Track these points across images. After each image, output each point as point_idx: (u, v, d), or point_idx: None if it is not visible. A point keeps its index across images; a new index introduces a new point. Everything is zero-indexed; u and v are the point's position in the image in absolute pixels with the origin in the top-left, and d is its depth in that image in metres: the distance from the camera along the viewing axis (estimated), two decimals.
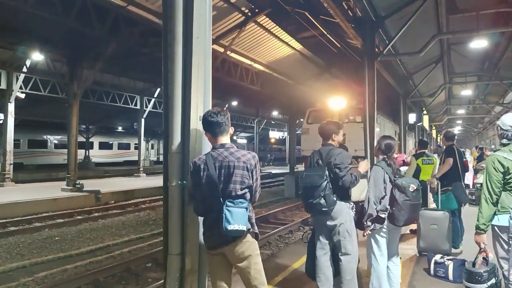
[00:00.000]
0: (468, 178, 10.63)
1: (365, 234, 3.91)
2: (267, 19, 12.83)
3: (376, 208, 3.81)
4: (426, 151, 7.91)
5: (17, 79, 16.43)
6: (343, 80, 18.23)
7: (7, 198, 12.68)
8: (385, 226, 3.92)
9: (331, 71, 17.87)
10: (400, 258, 4.35)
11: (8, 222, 10.97)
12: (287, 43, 14.91)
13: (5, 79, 16.28)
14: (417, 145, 8.50)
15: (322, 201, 3.69)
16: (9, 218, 11.32)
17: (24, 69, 16.26)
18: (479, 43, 11.96)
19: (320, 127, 4.16)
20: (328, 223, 3.89)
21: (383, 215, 3.80)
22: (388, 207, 3.81)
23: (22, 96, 16.92)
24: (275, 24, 13.21)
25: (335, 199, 3.79)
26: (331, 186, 3.76)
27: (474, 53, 14.43)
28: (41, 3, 10.49)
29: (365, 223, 3.83)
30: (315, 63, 17.31)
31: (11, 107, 16.51)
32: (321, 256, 4.01)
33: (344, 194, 3.90)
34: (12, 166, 16.97)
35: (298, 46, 15.23)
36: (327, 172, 3.75)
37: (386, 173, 3.89)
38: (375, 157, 4.31)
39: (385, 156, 4.07)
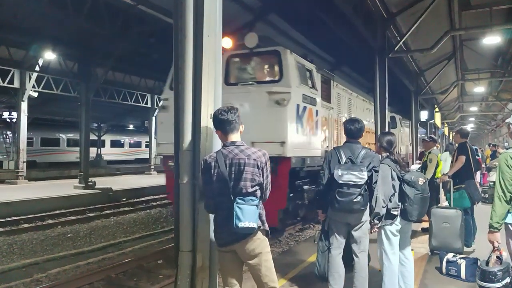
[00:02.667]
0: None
1: (372, 231, 3.90)
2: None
3: (387, 206, 3.80)
4: (434, 148, 7.84)
5: (30, 78, 16.66)
6: None
7: (20, 195, 12.85)
8: (398, 224, 3.91)
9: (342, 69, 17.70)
10: (412, 250, 4.34)
11: (21, 219, 11.12)
12: None
13: (18, 78, 16.53)
14: (427, 142, 8.26)
15: (361, 200, 3.66)
16: (22, 215, 11.46)
17: (37, 68, 16.48)
18: (492, 39, 11.80)
19: (350, 124, 4.08)
20: (355, 221, 3.88)
21: (395, 212, 3.82)
22: (399, 203, 3.83)
23: (35, 95, 17.16)
24: None
25: (368, 198, 3.81)
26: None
27: (487, 50, 14.26)
28: (53, 3, 10.60)
29: (372, 221, 3.82)
30: None
31: (24, 105, 16.76)
32: (336, 255, 3.98)
33: (369, 193, 3.91)
34: (25, 164, 17.22)
35: None
36: (365, 172, 3.70)
37: (393, 170, 3.90)
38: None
39: (388, 153, 4.06)
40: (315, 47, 15.51)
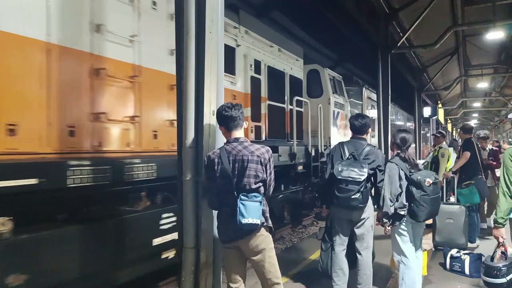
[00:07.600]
0: None
1: (385, 232, 3.84)
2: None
3: (394, 206, 3.70)
4: (443, 143, 7.75)
5: None
6: None
7: None
8: (404, 223, 3.81)
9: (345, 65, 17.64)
10: (425, 250, 4.28)
11: None
12: None
13: None
14: (437, 138, 8.12)
15: (360, 197, 3.63)
16: None
17: None
18: (495, 35, 11.77)
19: (356, 121, 4.05)
20: (356, 217, 3.85)
21: (402, 212, 3.69)
22: (406, 203, 3.69)
23: None
24: None
25: (368, 196, 3.78)
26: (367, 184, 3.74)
27: (490, 45, 14.21)
28: None
29: (382, 220, 3.77)
30: None
31: None
32: (340, 252, 3.97)
33: (375, 192, 3.90)
34: None
35: None
36: (366, 169, 3.68)
37: (401, 169, 3.76)
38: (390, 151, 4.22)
39: (399, 151, 3.94)
40: (317, 43, 15.49)
